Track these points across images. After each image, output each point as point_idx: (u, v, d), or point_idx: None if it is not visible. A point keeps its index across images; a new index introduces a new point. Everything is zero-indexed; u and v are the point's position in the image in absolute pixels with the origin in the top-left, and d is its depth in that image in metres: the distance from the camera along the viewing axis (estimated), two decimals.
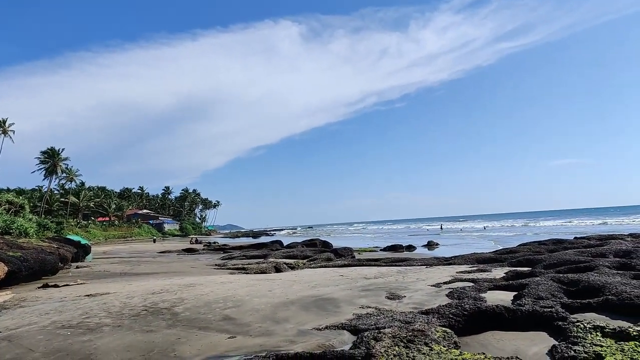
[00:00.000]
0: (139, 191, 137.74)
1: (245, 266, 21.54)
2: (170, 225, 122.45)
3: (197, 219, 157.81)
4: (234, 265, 23.21)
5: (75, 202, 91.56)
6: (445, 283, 11.68)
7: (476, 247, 32.18)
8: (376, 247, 36.99)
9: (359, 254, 29.30)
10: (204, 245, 52.51)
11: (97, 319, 8.64)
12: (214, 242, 61.06)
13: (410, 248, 33.69)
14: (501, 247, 23.16)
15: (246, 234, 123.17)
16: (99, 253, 38.19)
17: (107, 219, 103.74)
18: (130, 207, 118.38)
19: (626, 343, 5.62)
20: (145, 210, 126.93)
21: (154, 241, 75.99)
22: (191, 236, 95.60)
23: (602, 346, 5.61)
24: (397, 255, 26.36)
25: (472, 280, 11.74)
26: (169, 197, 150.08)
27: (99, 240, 75.33)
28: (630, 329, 5.97)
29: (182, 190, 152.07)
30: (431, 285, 11.47)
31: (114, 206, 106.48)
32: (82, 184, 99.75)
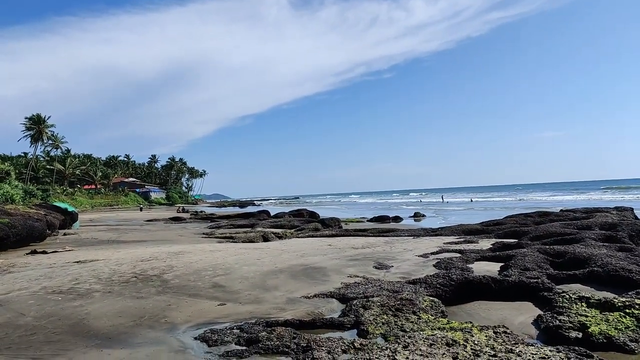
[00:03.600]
0: (125, 159, 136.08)
1: (233, 235, 21.57)
2: (156, 194, 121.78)
3: (184, 188, 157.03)
4: (222, 234, 23.23)
5: (61, 170, 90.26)
6: (432, 254, 11.83)
7: (463, 218, 32.59)
8: (363, 217, 37.27)
9: (346, 224, 29.51)
10: (191, 214, 52.45)
11: (87, 285, 8.61)
12: (201, 211, 60.96)
13: (397, 219, 33.98)
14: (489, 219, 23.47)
15: (233, 204, 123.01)
16: (85, 221, 37.93)
17: (94, 186, 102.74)
18: (116, 175, 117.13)
19: (611, 313, 5.75)
20: (131, 179, 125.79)
21: (141, 209, 75.64)
22: (178, 205, 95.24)
23: (587, 316, 5.74)
24: (384, 226, 26.61)
25: (459, 251, 11.90)
26: (156, 165, 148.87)
27: (86, 208, 74.76)
28: (615, 300, 6.10)
29: (169, 158, 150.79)
30: (418, 256, 11.61)
31: (100, 174, 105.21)
32: (68, 151, 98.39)
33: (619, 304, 5.94)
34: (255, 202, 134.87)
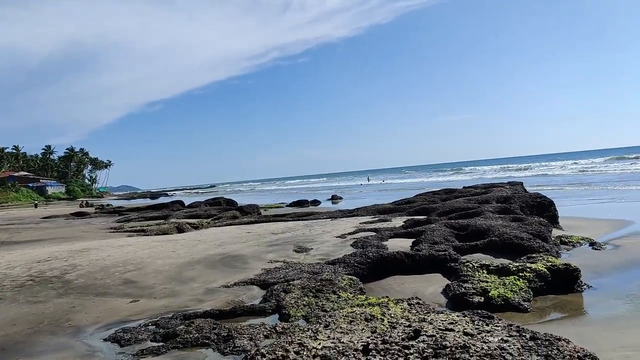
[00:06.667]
0: (14, 151, 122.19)
1: (145, 228, 20.50)
2: (54, 188, 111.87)
3: (87, 181, 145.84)
4: (132, 227, 21.98)
5: None
6: (349, 234, 12.16)
7: (377, 199, 33.89)
8: (282, 203, 37.34)
9: (265, 210, 29.35)
10: (96, 209, 49.03)
11: None
12: (108, 205, 57.39)
13: (315, 202, 34.51)
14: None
15: (143, 195, 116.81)
16: None
17: None
18: (3, 170, 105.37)
19: (507, 277, 6.36)
20: (22, 172, 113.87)
21: (36, 206, 68.90)
22: (81, 199, 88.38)
23: (487, 282, 6.28)
24: (303, 210, 26.85)
25: (375, 230, 12.36)
26: (51, 157, 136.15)
27: None
28: (510, 265, 6.74)
29: (67, 149, 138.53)
30: (336, 237, 11.87)
31: None
32: None
33: (514, 269, 6.58)
34: (167, 192, 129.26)
